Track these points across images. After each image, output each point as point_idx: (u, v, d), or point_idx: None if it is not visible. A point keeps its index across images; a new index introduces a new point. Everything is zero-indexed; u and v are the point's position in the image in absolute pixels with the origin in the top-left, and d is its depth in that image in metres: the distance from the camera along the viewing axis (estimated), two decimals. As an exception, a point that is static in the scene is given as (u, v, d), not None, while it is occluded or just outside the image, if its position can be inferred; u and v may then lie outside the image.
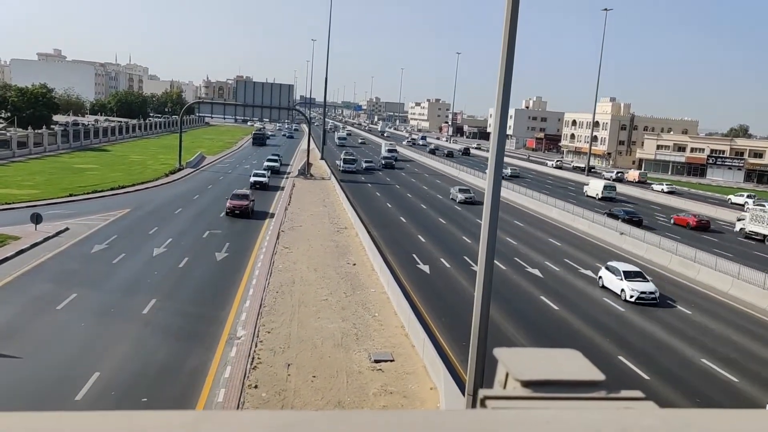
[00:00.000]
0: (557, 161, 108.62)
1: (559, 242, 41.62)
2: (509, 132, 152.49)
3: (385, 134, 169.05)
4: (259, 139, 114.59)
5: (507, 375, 0.82)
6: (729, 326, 25.85)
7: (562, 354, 0.89)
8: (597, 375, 0.82)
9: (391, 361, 19.78)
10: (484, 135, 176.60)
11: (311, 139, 76.58)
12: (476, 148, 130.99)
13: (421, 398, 17.48)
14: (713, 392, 19.25)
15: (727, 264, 32.94)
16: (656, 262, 36.62)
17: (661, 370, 20.55)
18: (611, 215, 49.85)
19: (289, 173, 70.52)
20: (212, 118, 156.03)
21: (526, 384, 0.80)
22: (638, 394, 0.79)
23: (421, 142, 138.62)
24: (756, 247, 45.03)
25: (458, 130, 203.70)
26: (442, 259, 33.88)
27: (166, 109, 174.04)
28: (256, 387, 17.40)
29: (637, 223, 47.66)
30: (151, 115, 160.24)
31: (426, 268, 31.84)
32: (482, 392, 0.76)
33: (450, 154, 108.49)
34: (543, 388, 0.79)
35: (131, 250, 31.26)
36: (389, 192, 61.29)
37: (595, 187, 69.78)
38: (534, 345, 21.75)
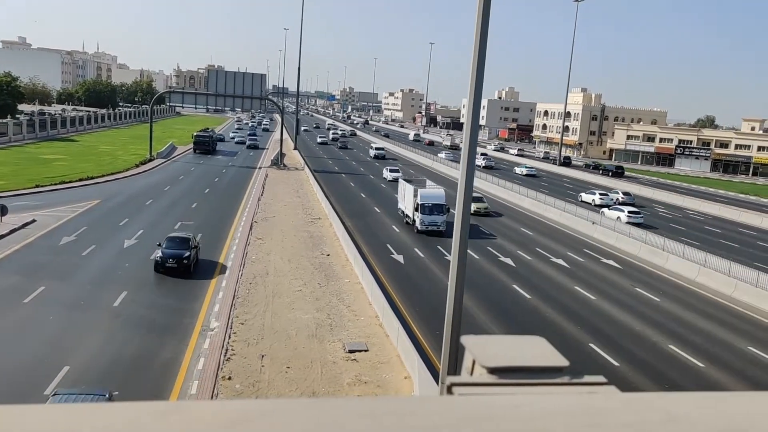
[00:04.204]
0: (519, 149, 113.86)
1: (531, 231, 42.04)
2: (482, 122, 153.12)
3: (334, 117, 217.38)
4: (203, 145, 74.94)
5: (474, 362, 0.84)
6: (696, 313, 26.44)
7: (528, 341, 0.91)
8: (561, 361, 0.84)
9: (366, 351, 19.84)
10: (458, 125, 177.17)
11: (284, 128, 76.04)
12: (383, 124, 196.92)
13: (396, 387, 17.58)
14: (679, 377, 19.70)
15: (694, 252, 33.64)
16: (626, 250, 37.26)
17: (630, 357, 20.94)
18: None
19: (261, 167, 69.79)
20: (183, 107, 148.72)
21: (492, 371, 0.81)
22: (601, 379, 0.81)
23: (350, 120, 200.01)
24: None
25: (432, 121, 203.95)
26: (416, 249, 34.00)
27: (136, 99, 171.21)
28: (230, 378, 17.32)
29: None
30: (121, 104, 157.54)
31: (400, 258, 31.94)
32: (449, 379, 0.78)
33: (364, 124, 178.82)
34: (508, 374, 0.81)
35: (101, 242, 30.78)
36: (358, 179, 61.20)
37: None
38: (507, 333, 21.99)
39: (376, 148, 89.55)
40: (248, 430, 0.60)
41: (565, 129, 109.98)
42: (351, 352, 19.67)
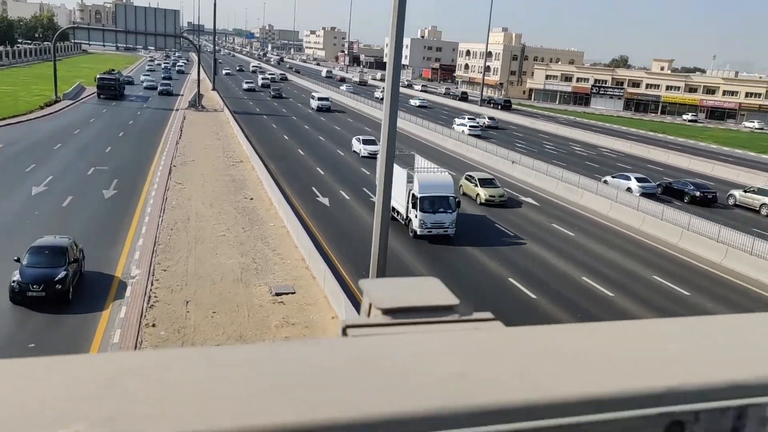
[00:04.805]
0: (422, 86, 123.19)
1: (455, 172, 42.70)
2: (405, 62, 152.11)
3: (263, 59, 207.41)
4: (109, 90, 67.60)
5: (370, 305, 0.87)
6: (607, 246, 27.93)
7: (422, 282, 0.94)
8: (452, 300, 0.88)
9: (293, 293, 19.94)
10: (381, 65, 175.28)
11: (201, 68, 73.01)
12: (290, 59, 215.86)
13: (323, 327, 17.83)
14: (592, 307, 20.92)
15: (607, 189, 35.33)
16: (543, 188, 38.63)
17: (546, 289, 22.01)
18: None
19: (178, 108, 67.14)
20: (90, 45, 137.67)
21: (386, 312, 0.84)
22: (488, 315, 0.86)
23: (266, 58, 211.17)
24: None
25: (355, 60, 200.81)
26: (341, 191, 33.98)
27: (37, 35, 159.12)
28: (154, 326, 17.05)
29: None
30: (20, 41, 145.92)
31: (326, 201, 31.88)
32: (344, 321, 0.81)
33: (278, 62, 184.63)
34: (402, 314, 0.84)
35: (5, 189, 29.04)
36: (277, 116, 60.00)
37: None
38: (430, 270, 22.60)
39: (320, 99, 74.22)
40: (132, 383, 0.58)
41: (487, 69, 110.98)
42: (278, 295, 19.71)
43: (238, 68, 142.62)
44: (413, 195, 26.32)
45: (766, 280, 24.18)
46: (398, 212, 27.56)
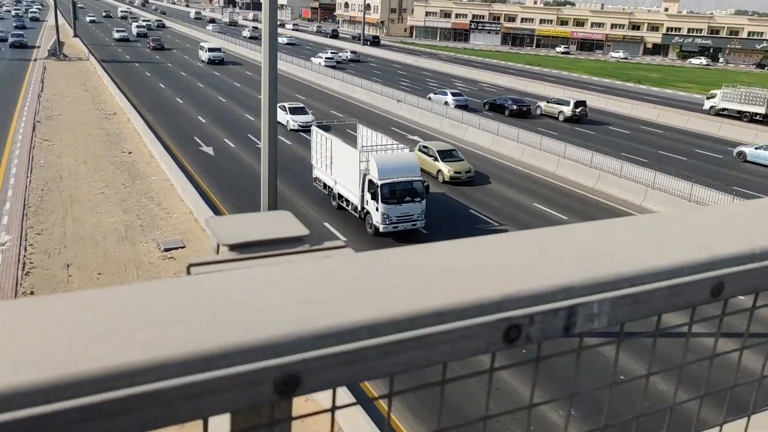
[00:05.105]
0: (294, 25, 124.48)
1: (341, 113, 42.47)
2: (283, 1, 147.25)
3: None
4: None
5: (218, 244, 0.84)
6: (491, 177, 29.08)
7: (273, 215, 0.92)
8: (302, 231, 0.87)
9: (183, 247, 19.37)
10: (258, 5, 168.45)
11: (58, 11, 66.90)
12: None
13: (218, 279, 17.51)
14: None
15: (488, 122, 36.50)
16: (428, 125, 39.32)
17: (436, 224, 22.69)
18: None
19: (37, 59, 61.59)
20: None
21: (233, 247, 0.82)
22: (339, 243, 0.86)
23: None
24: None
25: (230, 1, 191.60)
26: (225, 140, 32.90)
27: None
28: (32, 293, 16.04)
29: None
30: None
31: (210, 150, 30.79)
32: (188, 261, 0.78)
33: (143, 4, 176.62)
34: (249, 249, 0.82)
35: None
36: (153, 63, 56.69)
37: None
38: (322, 214, 22.64)
39: (210, 49, 64.26)
40: None
41: (367, 7, 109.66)
42: (167, 250, 19.07)
43: (104, 14, 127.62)
44: (371, 182, 21.06)
45: (633, 199, 26.27)
46: (349, 202, 22.55)
